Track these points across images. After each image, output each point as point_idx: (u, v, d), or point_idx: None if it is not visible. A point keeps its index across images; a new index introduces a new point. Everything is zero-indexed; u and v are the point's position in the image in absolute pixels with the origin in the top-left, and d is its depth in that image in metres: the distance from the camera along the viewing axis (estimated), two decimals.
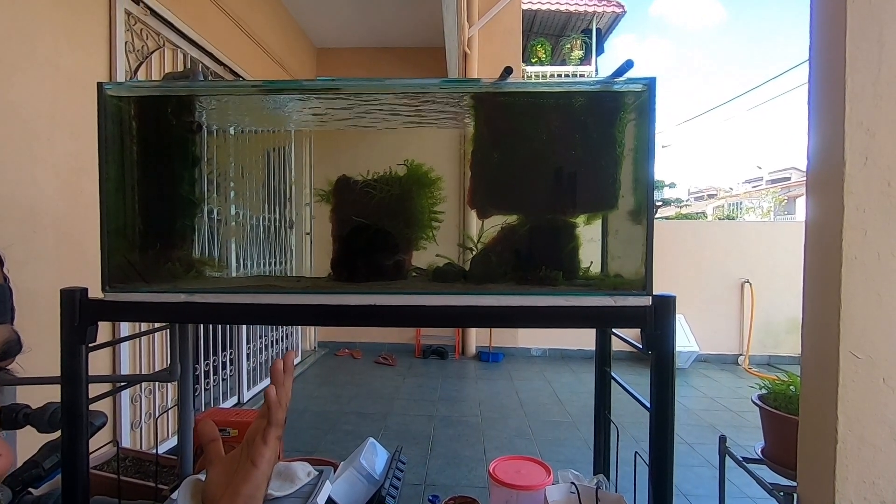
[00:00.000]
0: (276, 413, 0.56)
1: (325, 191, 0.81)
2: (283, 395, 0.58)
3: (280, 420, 0.56)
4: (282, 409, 0.57)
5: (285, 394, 0.59)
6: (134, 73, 2.19)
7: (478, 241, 0.79)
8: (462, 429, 3.04)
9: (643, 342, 0.73)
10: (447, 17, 3.51)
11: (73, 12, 1.84)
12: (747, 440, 2.78)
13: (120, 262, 0.78)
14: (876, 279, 0.81)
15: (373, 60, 5.07)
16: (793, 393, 1.29)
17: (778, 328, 4.89)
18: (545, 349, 5.14)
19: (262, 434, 0.55)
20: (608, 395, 1.16)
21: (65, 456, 0.74)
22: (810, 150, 0.92)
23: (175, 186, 0.81)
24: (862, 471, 0.83)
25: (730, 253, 4.98)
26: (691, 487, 2.34)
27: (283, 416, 0.58)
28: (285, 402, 0.58)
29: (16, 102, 1.59)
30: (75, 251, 1.82)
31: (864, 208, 0.81)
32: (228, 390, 3.34)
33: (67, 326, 0.73)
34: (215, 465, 0.58)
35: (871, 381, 0.82)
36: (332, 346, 5.21)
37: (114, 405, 2.09)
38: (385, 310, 0.73)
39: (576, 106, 0.77)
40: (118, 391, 1.94)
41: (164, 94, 0.82)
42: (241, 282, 0.86)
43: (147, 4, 2.24)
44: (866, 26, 0.81)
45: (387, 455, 1.27)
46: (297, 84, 0.88)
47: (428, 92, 0.78)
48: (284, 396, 0.58)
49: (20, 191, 1.62)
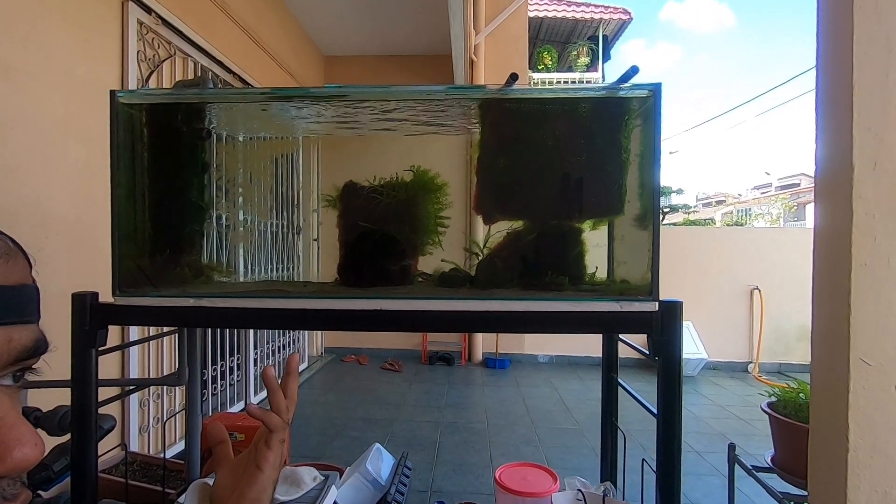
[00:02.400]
0: (272, 419, 0.56)
1: (332, 196, 0.81)
2: (280, 400, 0.58)
3: (278, 424, 0.57)
4: (282, 414, 0.58)
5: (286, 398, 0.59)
6: (145, 81, 2.22)
7: (484, 246, 0.79)
8: (468, 435, 3.03)
9: (650, 348, 0.73)
10: (454, 25, 3.54)
11: (87, 22, 1.88)
12: (757, 448, 2.74)
13: (130, 266, 0.79)
14: (886, 285, 0.81)
15: (380, 68, 5.10)
16: (803, 401, 1.27)
17: (788, 335, 4.82)
18: (552, 356, 5.11)
19: (266, 439, 0.56)
20: (615, 401, 1.16)
21: (74, 459, 0.75)
22: (818, 156, 0.92)
23: (185, 192, 0.83)
24: (874, 480, 0.82)
25: (738, 259, 4.94)
26: (700, 496, 2.31)
27: (285, 419, 0.58)
28: (284, 406, 0.59)
29: (30, 110, 1.62)
30: (87, 256, 1.84)
31: (874, 214, 0.81)
32: (236, 395, 3.35)
33: (78, 330, 0.74)
34: (223, 467, 0.58)
35: (883, 388, 0.81)
36: (338, 351, 5.22)
37: (122, 409, 2.10)
38: (391, 315, 0.73)
39: (581, 112, 0.78)
40: (127, 395, 1.96)
41: (175, 102, 0.83)
42: (249, 287, 0.87)
43: (158, 14, 2.28)
44: (873, 31, 0.81)
45: (393, 461, 1.27)
46: (305, 91, 0.89)
47: (434, 99, 0.79)
48: (283, 401, 0.58)
49: (33, 197, 1.65)
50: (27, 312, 0.33)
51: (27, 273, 0.36)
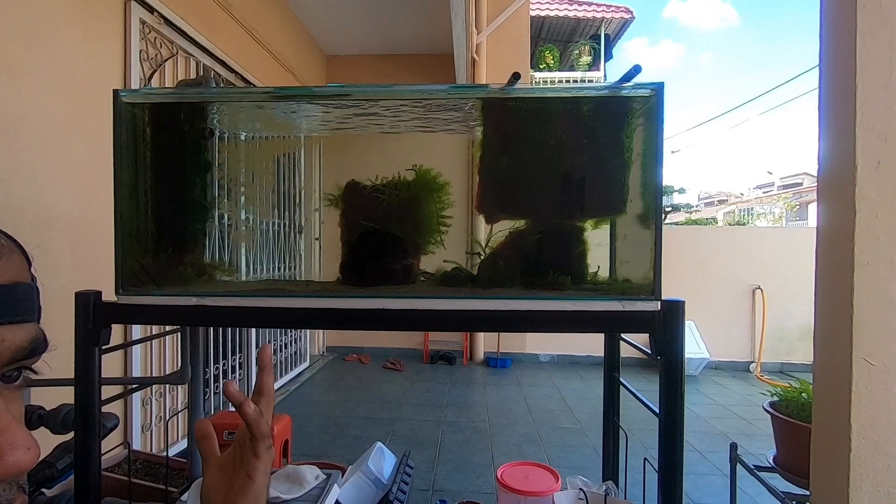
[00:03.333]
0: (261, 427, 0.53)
1: (334, 195, 0.82)
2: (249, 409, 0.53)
3: (264, 432, 0.53)
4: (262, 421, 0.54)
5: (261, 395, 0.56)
6: (148, 80, 2.23)
7: (486, 245, 0.80)
8: (470, 434, 3.03)
9: (652, 347, 0.73)
10: (455, 24, 3.54)
11: (90, 22, 1.88)
12: (759, 448, 2.73)
13: (133, 265, 0.79)
14: (889, 285, 0.80)
15: (382, 67, 5.10)
16: (805, 400, 1.27)
17: (790, 335, 4.81)
18: (554, 355, 5.11)
19: (254, 448, 0.54)
20: (617, 400, 1.16)
21: (77, 457, 0.75)
22: (821, 155, 0.92)
23: (187, 192, 0.83)
24: (877, 480, 0.82)
25: (741, 259, 4.93)
26: (702, 496, 2.30)
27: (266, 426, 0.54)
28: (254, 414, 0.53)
29: (33, 110, 1.63)
30: (90, 255, 1.85)
31: (877, 213, 0.80)
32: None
33: (81, 329, 0.74)
34: (210, 466, 0.56)
35: (886, 388, 0.81)
36: (340, 350, 5.22)
37: (125, 407, 2.11)
38: (393, 313, 0.73)
39: (583, 111, 0.78)
40: (130, 393, 1.96)
41: (178, 101, 0.84)
42: (251, 286, 0.87)
43: (161, 14, 2.28)
44: (877, 30, 0.80)
45: (395, 460, 1.27)
46: (307, 91, 0.89)
47: (436, 98, 0.79)
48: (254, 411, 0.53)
49: (37, 196, 1.65)
50: (21, 311, 0.32)
51: (24, 271, 0.35)
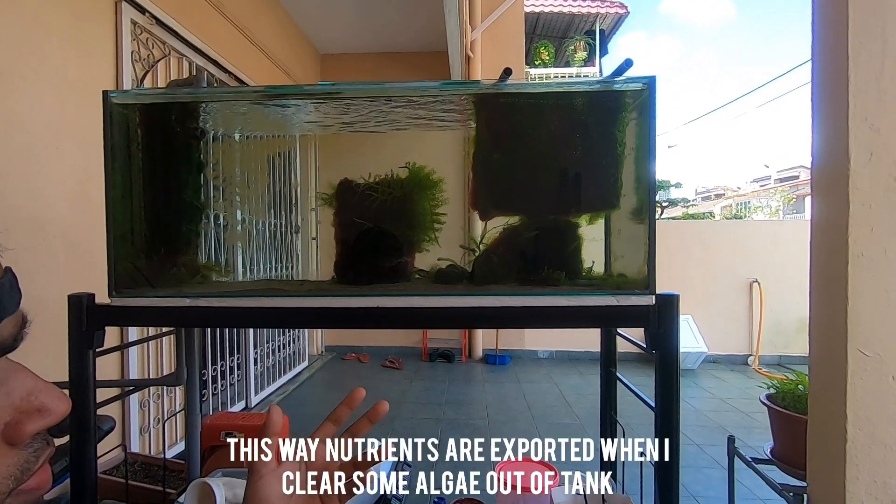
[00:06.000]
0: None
1: (327, 194, 0.81)
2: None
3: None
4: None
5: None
6: (140, 81, 2.21)
7: (480, 242, 0.79)
8: (469, 431, 3.03)
9: (647, 341, 0.73)
10: (449, 21, 3.52)
11: (80, 23, 1.87)
12: (757, 441, 2.74)
13: (126, 267, 0.79)
14: (883, 276, 0.81)
15: (376, 65, 5.09)
16: (801, 392, 1.27)
17: (788, 328, 4.83)
18: (552, 351, 5.12)
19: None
20: (614, 395, 1.16)
21: (73, 461, 0.75)
22: (815, 148, 0.92)
23: (180, 192, 0.82)
24: (873, 470, 0.82)
25: (738, 253, 4.94)
26: (701, 489, 2.31)
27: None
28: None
29: (24, 112, 1.62)
30: (83, 258, 1.84)
31: (870, 204, 0.81)
32: (236, 395, 3.35)
33: (75, 332, 0.74)
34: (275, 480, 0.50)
35: (881, 378, 0.81)
36: (339, 350, 5.22)
37: (123, 410, 2.10)
38: (388, 312, 0.73)
39: (576, 106, 0.78)
40: (126, 396, 1.96)
41: (169, 102, 0.83)
42: (246, 286, 0.86)
43: (153, 14, 2.27)
44: (869, 22, 0.81)
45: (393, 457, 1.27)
46: (299, 89, 0.88)
47: (429, 95, 0.78)
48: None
49: (29, 200, 1.64)
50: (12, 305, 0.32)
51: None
